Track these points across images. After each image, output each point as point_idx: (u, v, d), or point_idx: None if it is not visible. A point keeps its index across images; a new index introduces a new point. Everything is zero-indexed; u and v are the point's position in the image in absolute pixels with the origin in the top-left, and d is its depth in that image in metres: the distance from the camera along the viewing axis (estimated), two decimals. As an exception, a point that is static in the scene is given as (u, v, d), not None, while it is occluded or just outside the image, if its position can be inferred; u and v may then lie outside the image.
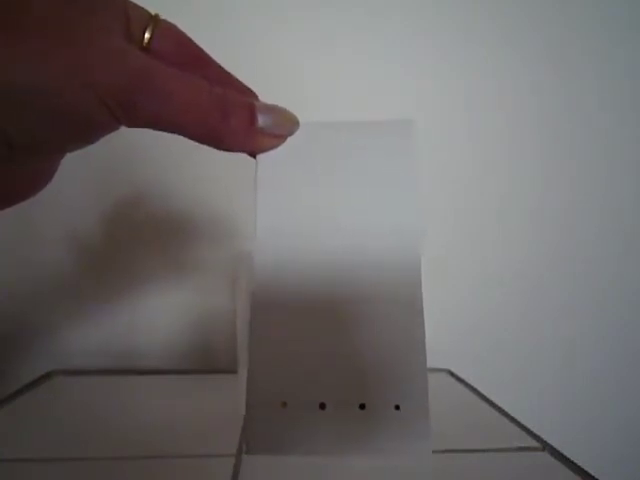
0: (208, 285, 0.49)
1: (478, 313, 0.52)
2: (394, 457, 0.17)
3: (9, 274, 0.48)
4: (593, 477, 0.27)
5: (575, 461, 0.29)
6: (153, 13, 0.18)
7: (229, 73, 0.20)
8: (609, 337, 0.54)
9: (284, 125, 0.19)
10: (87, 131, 0.16)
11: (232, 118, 0.17)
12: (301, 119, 0.20)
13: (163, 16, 0.19)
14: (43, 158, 0.17)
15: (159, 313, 0.49)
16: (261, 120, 0.17)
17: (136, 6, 0.17)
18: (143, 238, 0.49)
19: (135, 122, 0.16)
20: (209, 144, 0.17)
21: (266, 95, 0.21)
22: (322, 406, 0.17)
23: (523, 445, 0.31)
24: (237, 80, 0.20)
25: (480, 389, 0.42)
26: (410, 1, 0.49)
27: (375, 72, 0.49)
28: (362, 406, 0.17)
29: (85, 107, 0.15)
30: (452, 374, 0.48)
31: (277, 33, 0.48)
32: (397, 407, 0.17)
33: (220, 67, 0.20)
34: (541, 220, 0.52)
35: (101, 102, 0.15)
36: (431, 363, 0.52)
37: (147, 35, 0.17)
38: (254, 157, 0.19)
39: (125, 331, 0.49)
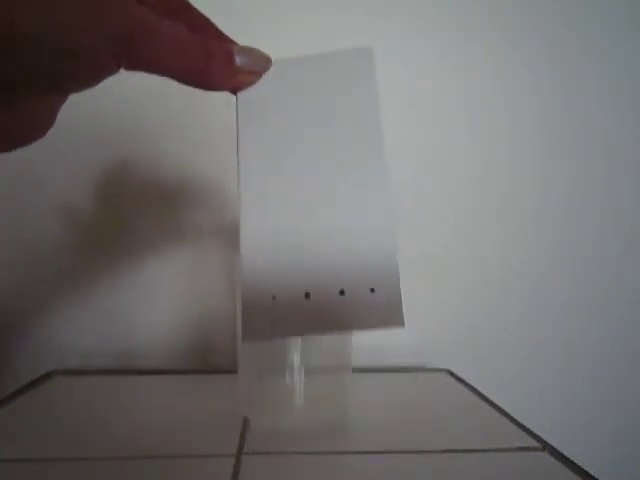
0: (208, 285, 0.49)
1: (478, 313, 0.52)
2: (369, 331, 0.20)
3: (9, 274, 0.48)
4: (593, 477, 0.27)
5: (575, 461, 0.29)
6: None
7: (208, 19, 0.22)
8: (609, 337, 0.54)
9: (259, 63, 0.21)
10: (92, 73, 0.18)
11: (215, 61, 0.19)
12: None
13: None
14: (47, 99, 0.19)
15: (159, 313, 0.49)
16: (239, 60, 0.20)
17: None
18: (141, 238, 0.49)
19: (133, 66, 0.17)
20: (196, 86, 0.19)
21: None
22: (307, 295, 0.19)
23: (523, 445, 0.31)
24: (216, 27, 0.22)
25: (480, 389, 0.42)
26: (410, 1, 0.49)
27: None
28: (342, 292, 0.19)
29: (93, 50, 0.16)
30: (452, 374, 0.48)
31: (277, 33, 0.48)
32: (372, 290, 0.19)
33: (201, 14, 0.21)
34: (541, 220, 0.52)
35: (107, 46, 0.16)
36: (431, 363, 0.53)
37: None
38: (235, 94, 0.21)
39: (125, 331, 0.49)
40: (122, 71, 0.18)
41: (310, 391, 0.33)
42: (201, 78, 0.19)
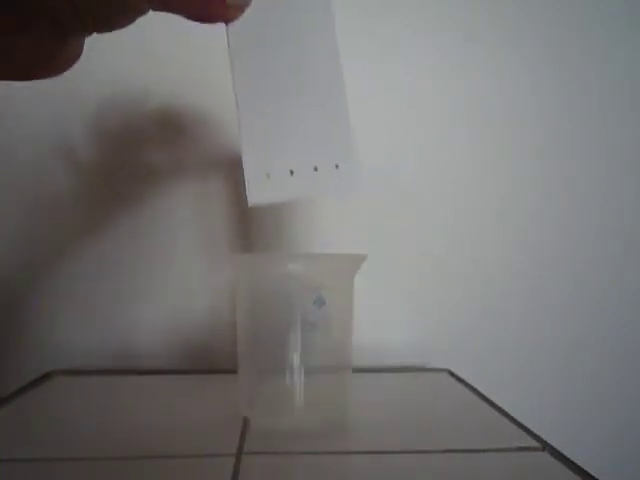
0: (209, 285, 0.49)
1: (478, 313, 0.52)
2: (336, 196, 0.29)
3: (9, 274, 0.48)
4: (593, 477, 0.27)
5: (575, 461, 0.29)
6: None
7: None
8: (609, 337, 0.54)
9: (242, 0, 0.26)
10: (132, 14, 0.22)
11: (212, 3, 0.24)
12: None
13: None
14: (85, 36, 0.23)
15: (159, 312, 0.49)
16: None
17: None
18: (141, 237, 0.49)
19: (158, 7, 0.22)
20: (200, 21, 0.24)
21: None
22: (291, 172, 0.26)
23: (523, 445, 0.31)
24: None
25: (480, 389, 0.42)
26: (410, 1, 0.49)
27: (375, 72, 0.49)
28: (315, 168, 0.26)
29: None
30: (452, 374, 0.47)
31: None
32: (337, 166, 0.26)
33: None
34: (541, 220, 0.52)
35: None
36: (431, 363, 0.53)
37: None
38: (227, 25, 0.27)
39: (125, 331, 0.49)
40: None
41: (310, 391, 0.33)
42: (203, 16, 0.24)
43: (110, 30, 0.22)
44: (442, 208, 0.51)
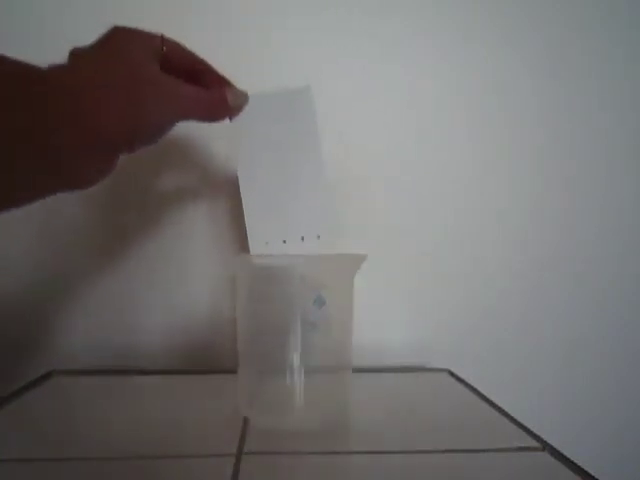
0: (209, 285, 0.49)
1: (478, 313, 0.52)
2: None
3: (8, 274, 0.48)
4: (593, 477, 0.27)
5: (575, 461, 0.29)
6: (160, 34, 0.29)
7: (208, 64, 0.32)
8: (609, 337, 0.54)
9: (241, 101, 0.33)
10: (162, 135, 0.29)
11: (217, 107, 0.31)
12: None
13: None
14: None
15: (159, 312, 0.49)
16: (230, 100, 0.32)
17: (152, 34, 0.29)
18: (141, 237, 0.49)
19: (181, 119, 0.29)
20: (210, 122, 0.31)
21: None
22: (284, 241, 0.35)
23: (523, 445, 0.31)
24: (215, 70, 0.33)
25: (480, 389, 0.42)
26: (410, 1, 0.49)
27: (375, 72, 0.49)
28: (302, 238, 0.35)
29: (170, 124, 0.29)
30: (452, 374, 0.48)
31: (277, 34, 0.48)
32: (319, 237, 0.35)
33: (203, 62, 0.32)
34: (541, 220, 0.52)
35: (177, 116, 0.29)
36: (431, 363, 0.53)
37: (164, 49, 0.29)
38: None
39: (125, 331, 0.49)
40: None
41: (310, 391, 0.33)
42: (212, 119, 0.31)
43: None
44: (442, 208, 0.51)
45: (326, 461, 0.29)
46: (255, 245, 0.34)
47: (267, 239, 0.35)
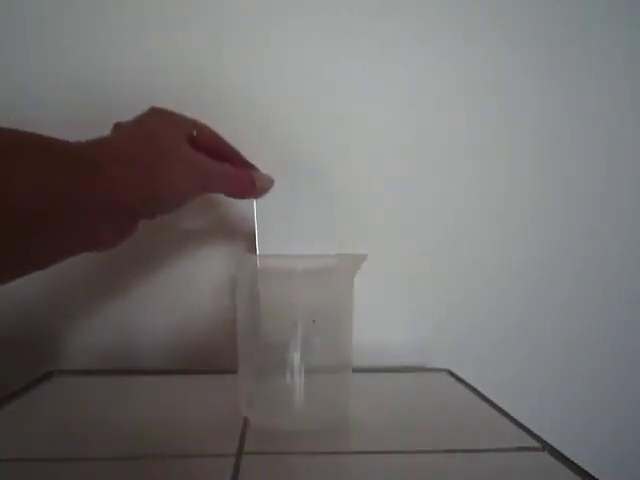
0: (209, 285, 0.49)
1: (478, 313, 0.52)
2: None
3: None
4: (593, 477, 0.27)
5: (575, 461, 0.29)
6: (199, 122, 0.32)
7: (236, 150, 0.35)
8: (609, 337, 0.54)
9: (267, 185, 0.35)
10: (184, 204, 0.30)
11: (246, 186, 0.32)
12: (302, 117, 0.31)
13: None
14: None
15: (159, 312, 0.49)
16: (257, 184, 0.33)
17: (185, 117, 0.31)
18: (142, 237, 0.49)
19: (207, 191, 0.30)
20: (236, 198, 0.33)
21: (267, 94, 0.22)
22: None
23: (523, 445, 0.31)
24: (242, 156, 0.35)
25: (480, 389, 0.42)
26: (410, 1, 0.49)
27: (375, 72, 0.49)
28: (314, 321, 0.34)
29: (192, 196, 0.30)
30: (452, 374, 0.48)
31: (277, 34, 0.48)
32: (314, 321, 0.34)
33: (232, 147, 0.34)
34: (541, 220, 0.52)
35: (200, 190, 0.30)
36: (431, 363, 0.53)
37: (195, 134, 0.31)
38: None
39: (125, 331, 0.49)
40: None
41: (310, 391, 0.33)
42: (239, 195, 0.33)
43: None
44: (442, 208, 0.51)
45: (326, 461, 0.29)
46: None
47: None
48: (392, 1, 0.49)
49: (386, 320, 0.51)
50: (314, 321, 0.33)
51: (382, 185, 0.50)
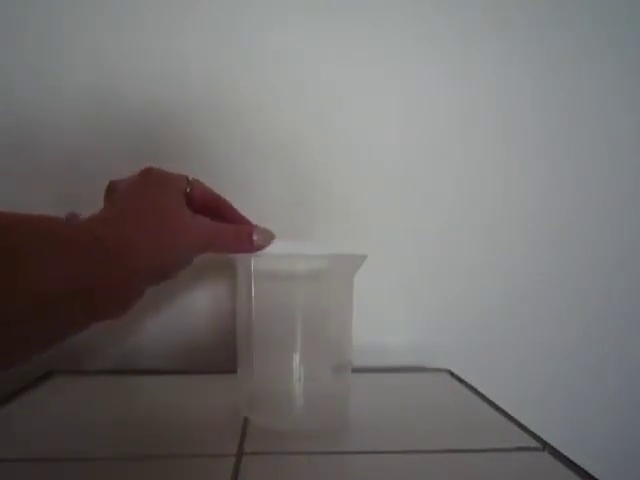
0: (209, 285, 0.49)
1: (478, 313, 0.52)
2: None
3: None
4: (593, 477, 0.27)
5: (575, 461, 0.29)
6: (190, 178, 0.33)
7: (228, 203, 0.36)
8: (609, 337, 0.54)
9: (267, 239, 0.34)
10: (185, 267, 0.33)
11: (244, 241, 0.33)
12: (303, 116, 0.28)
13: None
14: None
15: (159, 313, 0.49)
16: (256, 238, 0.33)
17: (178, 175, 0.32)
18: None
19: (206, 251, 0.31)
20: (234, 253, 0.34)
21: (268, 95, 0.22)
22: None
23: (523, 445, 0.31)
24: (234, 209, 0.36)
25: (480, 389, 0.42)
26: (410, 1, 0.49)
27: (375, 72, 0.49)
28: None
29: (195, 257, 0.33)
30: (452, 374, 0.48)
31: (277, 34, 0.48)
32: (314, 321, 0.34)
33: (226, 203, 0.35)
34: (541, 220, 0.52)
35: (201, 254, 0.32)
36: (431, 363, 0.52)
37: (188, 190, 0.32)
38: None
39: (125, 331, 0.49)
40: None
41: (310, 391, 0.33)
42: (238, 251, 0.33)
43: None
44: (442, 208, 0.51)
45: (326, 461, 0.29)
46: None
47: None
48: (392, 1, 0.49)
49: (386, 320, 0.51)
50: (314, 321, 0.33)
51: (382, 185, 0.50)
